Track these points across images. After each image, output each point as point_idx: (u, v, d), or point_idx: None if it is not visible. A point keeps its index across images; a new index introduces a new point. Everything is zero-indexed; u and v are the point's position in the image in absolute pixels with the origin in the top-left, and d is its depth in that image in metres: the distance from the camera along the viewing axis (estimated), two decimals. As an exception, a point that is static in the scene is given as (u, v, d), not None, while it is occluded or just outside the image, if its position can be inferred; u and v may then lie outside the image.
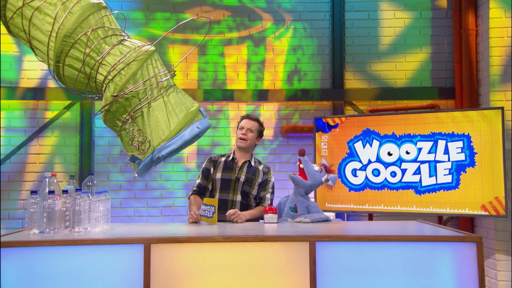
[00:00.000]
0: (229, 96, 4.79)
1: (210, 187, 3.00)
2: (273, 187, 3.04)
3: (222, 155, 3.08)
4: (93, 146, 4.69)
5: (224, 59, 4.87)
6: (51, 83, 4.67)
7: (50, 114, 4.68)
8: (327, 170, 2.86)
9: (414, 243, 2.06)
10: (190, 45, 4.83)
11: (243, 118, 3.07)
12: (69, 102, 4.68)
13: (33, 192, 2.20)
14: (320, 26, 4.93)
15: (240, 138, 2.97)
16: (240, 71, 4.87)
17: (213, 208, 2.58)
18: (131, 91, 2.19)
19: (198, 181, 3.03)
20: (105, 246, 1.96)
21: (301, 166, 2.80)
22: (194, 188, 3.01)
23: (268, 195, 2.99)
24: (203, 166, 3.05)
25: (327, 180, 2.83)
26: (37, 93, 4.62)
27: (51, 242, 1.93)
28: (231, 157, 3.01)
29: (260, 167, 3.04)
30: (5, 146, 4.56)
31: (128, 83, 2.20)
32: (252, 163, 3.02)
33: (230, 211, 2.71)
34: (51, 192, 2.21)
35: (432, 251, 2.05)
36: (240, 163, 2.99)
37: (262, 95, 4.79)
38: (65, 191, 2.26)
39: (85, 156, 4.62)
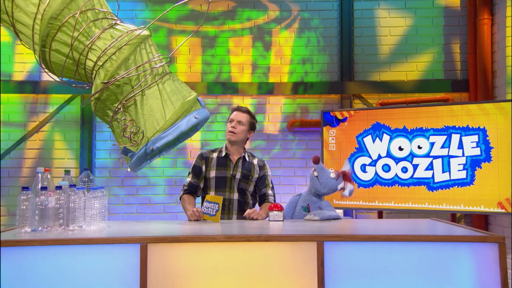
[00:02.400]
0: (233, 89, 4.66)
1: (201, 185, 2.83)
2: (272, 181, 2.92)
3: (213, 151, 2.89)
4: (94, 141, 4.59)
5: (228, 51, 4.74)
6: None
7: (50, 108, 4.58)
8: (345, 177, 2.69)
9: (430, 244, 1.91)
10: (200, 36, 4.69)
11: (233, 110, 2.89)
12: (69, 95, 4.57)
13: (24, 188, 2.08)
14: (327, 16, 4.77)
15: (230, 131, 2.80)
16: (245, 63, 4.73)
17: (217, 206, 2.46)
18: (123, 77, 2.05)
19: (188, 179, 2.83)
20: (99, 246, 1.84)
21: (315, 174, 2.63)
22: (185, 188, 2.82)
23: (270, 191, 2.86)
24: (194, 163, 2.84)
25: (343, 189, 2.68)
26: (37, 86, 4.52)
27: (41, 241, 1.82)
28: (224, 153, 2.82)
29: (255, 161, 2.88)
30: (4, 141, 4.47)
31: (119, 69, 2.06)
32: (247, 158, 2.86)
33: (249, 211, 2.63)
34: (44, 188, 2.09)
35: (450, 252, 1.90)
36: (234, 159, 2.82)
37: (267, 89, 4.66)
38: (58, 187, 2.14)
39: (86, 151, 4.52)
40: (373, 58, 4.72)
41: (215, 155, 2.84)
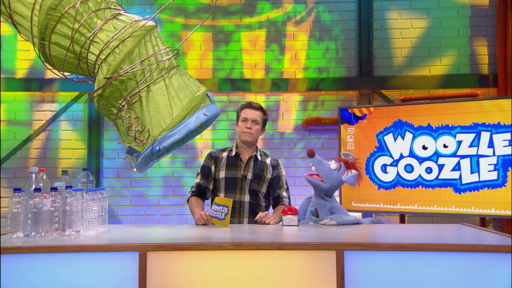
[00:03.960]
0: (245, 86, 4.50)
1: (211, 187, 2.68)
2: (287, 182, 2.72)
3: (223, 150, 2.72)
4: (102, 140, 4.48)
5: (240, 45, 4.57)
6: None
7: (57, 107, 4.48)
8: (348, 165, 2.48)
9: (465, 254, 1.70)
10: (213, 31, 4.53)
11: (244, 107, 2.70)
12: (77, 93, 4.46)
13: (17, 189, 1.94)
14: (345, 8, 4.57)
15: (246, 132, 2.62)
16: (258, 59, 4.56)
17: (226, 209, 2.29)
18: (127, 72, 1.91)
19: (197, 180, 2.68)
20: (93, 254, 1.68)
21: (313, 169, 2.43)
22: (193, 189, 2.67)
23: (285, 193, 2.67)
24: (202, 163, 2.69)
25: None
26: (43, 84, 4.43)
27: (30, 249, 1.66)
28: (234, 152, 2.67)
29: (268, 161, 2.70)
30: (10, 140, 4.39)
31: (123, 63, 1.92)
32: (259, 157, 2.69)
33: (260, 214, 2.44)
34: (37, 189, 1.95)
35: (488, 264, 1.69)
36: (245, 159, 2.66)
37: (281, 85, 4.50)
38: (53, 189, 2.00)
39: (93, 151, 4.41)
40: (393, 52, 4.51)
41: (225, 154, 2.69)
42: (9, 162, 4.39)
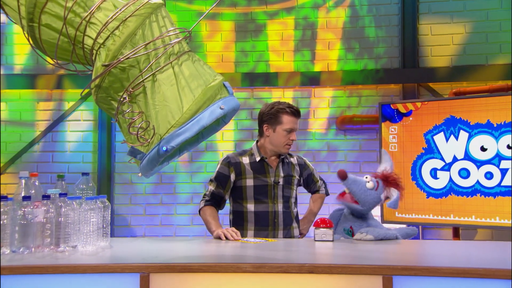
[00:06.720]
0: (272, 80, 4.37)
1: (227, 197, 2.55)
2: (319, 176, 2.79)
3: (241, 154, 2.59)
4: (114, 142, 4.41)
5: (266, 35, 4.44)
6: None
7: (65, 105, 4.44)
8: (386, 182, 2.28)
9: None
10: (245, 20, 4.40)
11: (288, 114, 2.49)
12: (86, 90, 4.37)
13: (3, 197, 1.81)
14: (386, -10, 4.39)
15: (288, 144, 2.52)
16: (286, 50, 4.42)
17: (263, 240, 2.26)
18: (128, 58, 1.75)
19: (211, 188, 2.55)
20: (85, 276, 1.52)
21: (347, 191, 2.27)
22: (207, 198, 2.54)
23: (320, 183, 2.76)
24: (217, 169, 2.56)
25: (387, 198, 2.29)
26: (51, 81, 4.39)
27: (11, 269, 1.51)
28: (259, 158, 2.54)
29: (294, 160, 2.66)
30: (15, 142, 4.37)
31: (123, 47, 1.77)
32: (285, 158, 2.61)
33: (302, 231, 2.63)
34: (26, 197, 1.82)
35: None
36: (273, 163, 2.55)
37: (313, 79, 4.36)
38: (46, 197, 1.86)
39: (104, 154, 4.34)
40: (443, 39, 4.29)
41: (245, 159, 2.56)
42: (15, 167, 4.36)
